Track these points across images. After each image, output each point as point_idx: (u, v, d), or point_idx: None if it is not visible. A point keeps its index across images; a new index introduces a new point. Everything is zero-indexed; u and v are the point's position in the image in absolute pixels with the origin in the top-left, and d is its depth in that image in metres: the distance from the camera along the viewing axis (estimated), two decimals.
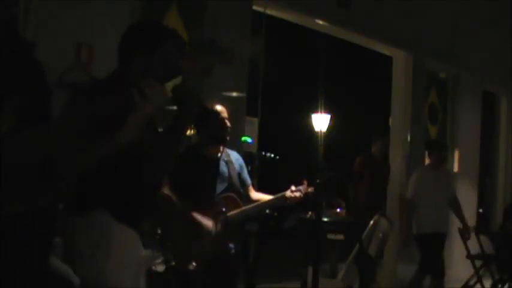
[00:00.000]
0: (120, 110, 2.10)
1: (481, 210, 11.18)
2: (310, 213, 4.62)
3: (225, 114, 4.41)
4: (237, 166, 4.51)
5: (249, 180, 4.61)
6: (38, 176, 1.98)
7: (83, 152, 2.02)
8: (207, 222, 4.26)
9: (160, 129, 2.94)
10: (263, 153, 5.08)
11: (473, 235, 8.00)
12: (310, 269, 4.58)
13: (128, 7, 5.29)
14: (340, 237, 8.31)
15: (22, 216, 1.98)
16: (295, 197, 4.44)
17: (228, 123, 4.40)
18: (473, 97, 10.03)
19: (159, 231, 4.37)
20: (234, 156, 4.54)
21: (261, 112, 7.87)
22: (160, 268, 4.46)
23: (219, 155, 4.46)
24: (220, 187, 4.40)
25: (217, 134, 4.39)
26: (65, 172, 2.14)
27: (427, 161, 9.67)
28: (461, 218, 7.50)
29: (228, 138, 4.45)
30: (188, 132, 4.28)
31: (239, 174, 4.51)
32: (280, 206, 4.58)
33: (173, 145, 2.93)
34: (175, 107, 2.89)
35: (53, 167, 2.03)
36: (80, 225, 2.78)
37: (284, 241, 6.49)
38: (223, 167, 4.44)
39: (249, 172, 4.72)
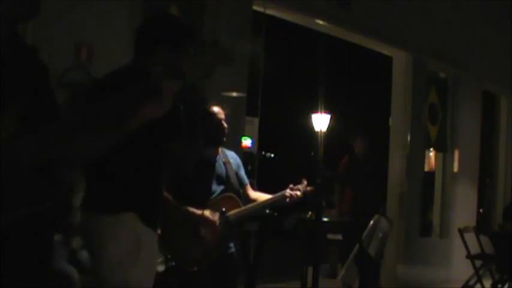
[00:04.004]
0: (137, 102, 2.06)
1: (481, 210, 11.18)
2: (310, 213, 4.61)
3: (222, 115, 4.41)
4: (234, 166, 4.51)
5: (246, 179, 4.61)
6: (40, 179, 1.97)
7: (94, 144, 2.01)
8: (206, 213, 4.25)
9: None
10: (263, 153, 5.08)
11: (473, 235, 8.00)
12: (310, 269, 4.59)
13: (127, 7, 5.30)
14: (339, 237, 8.30)
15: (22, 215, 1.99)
16: (294, 195, 4.44)
17: (225, 125, 4.40)
18: (473, 97, 10.03)
19: (159, 232, 4.37)
20: (231, 156, 4.54)
21: (261, 112, 7.88)
22: (161, 268, 4.46)
23: (217, 156, 4.46)
24: (219, 188, 4.40)
25: (214, 135, 4.39)
26: (72, 168, 2.16)
27: (427, 161, 9.71)
28: None
29: (225, 139, 4.45)
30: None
31: (237, 174, 4.52)
32: (280, 206, 4.58)
33: (195, 152, 3.09)
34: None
35: (54, 169, 2.03)
36: (109, 226, 2.82)
37: (284, 241, 6.49)
38: (221, 168, 4.44)
39: (249, 172, 4.71)
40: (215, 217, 4.22)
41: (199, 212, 4.21)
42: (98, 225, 2.83)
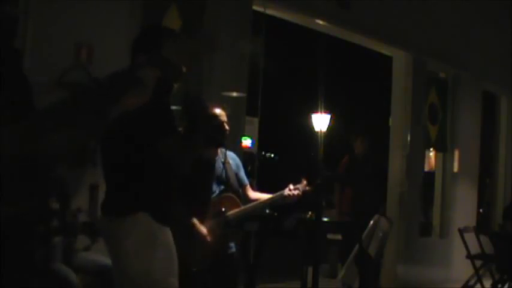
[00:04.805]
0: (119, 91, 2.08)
1: (481, 210, 11.18)
2: (310, 213, 4.61)
3: (223, 117, 4.40)
4: (234, 166, 4.51)
5: (246, 180, 4.61)
6: (25, 175, 1.97)
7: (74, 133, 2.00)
8: (202, 229, 4.28)
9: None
10: (263, 153, 5.09)
11: (473, 235, 8.00)
12: (310, 269, 4.58)
13: (127, 7, 5.30)
14: (339, 237, 8.28)
15: (19, 216, 1.98)
16: (293, 195, 4.44)
17: (227, 127, 4.39)
18: (473, 97, 10.03)
19: None
20: (231, 156, 4.54)
21: (261, 112, 7.87)
22: None
23: (216, 157, 4.46)
24: (218, 188, 4.40)
25: (214, 137, 4.38)
26: (55, 161, 2.17)
27: (427, 161, 9.70)
28: None
29: (225, 141, 4.45)
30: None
31: (236, 174, 4.52)
32: (280, 206, 4.58)
33: (192, 152, 3.18)
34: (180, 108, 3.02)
35: (40, 165, 2.02)
36: (124, 227, 3.00)
37: (284, 241, 6.48)
38: (220, 169, 4.44)
39: (249, 172, 4.70)
40: (208, 236, 4.25)
41: (200, 228, 4.24)
42: (115, 227, 3.03)
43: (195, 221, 4.26)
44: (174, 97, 3.09)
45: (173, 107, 3.12)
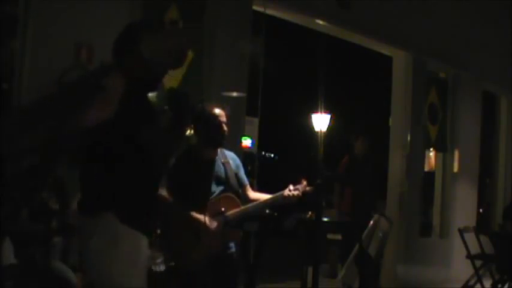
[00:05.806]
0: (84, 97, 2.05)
1: (481, 210, 11.19)
2: (310, 213, 4.61)
3: (223, 118, 4.39)
4: (233, 166, 4.51)
5: (246, 180, 4.60)
6: None
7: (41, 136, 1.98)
8: (205, 219, 4.27)
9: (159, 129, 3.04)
10: (263, 153, 5.08)
11: (473, 235, 8.00)
12: (310, 269, 4.58)
13: (127, 7, 5.30)
14: (339, 237, 8.28)
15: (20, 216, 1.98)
16: (293, 196, 4.44)
17: (226, 128, 4.38)
18: (473, 97, 10.03)
19: (159, 232, 4.37)
20: (231, 157, 4.54)
21: (261, 112, 7.87)
22: (161, 268, 4.46)
23: (216, 157, 4.46)
24: (218, 188, 4.40)
25: (214, 137, 4.38)
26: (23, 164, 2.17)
27: (427, 161, 9.71)
28: None
29: (224, 141, 4.45)
30: (187, 132, 4.28)
31: (236, 174, 4.52)
32: (280, 206, 4.58)
33: (172, 145, 3.08)
34: (167, 107, 2.98)
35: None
36: (89, 226, 2.92)
37: (284, 241, 6.49)
38: (220, 169, 4.44)
39: (249, 172, 4.70)
40: (213, 225, 4.25)
41: (199, 217, 4.23)
42: (82, 226, 2.98)
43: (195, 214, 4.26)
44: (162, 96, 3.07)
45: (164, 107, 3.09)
